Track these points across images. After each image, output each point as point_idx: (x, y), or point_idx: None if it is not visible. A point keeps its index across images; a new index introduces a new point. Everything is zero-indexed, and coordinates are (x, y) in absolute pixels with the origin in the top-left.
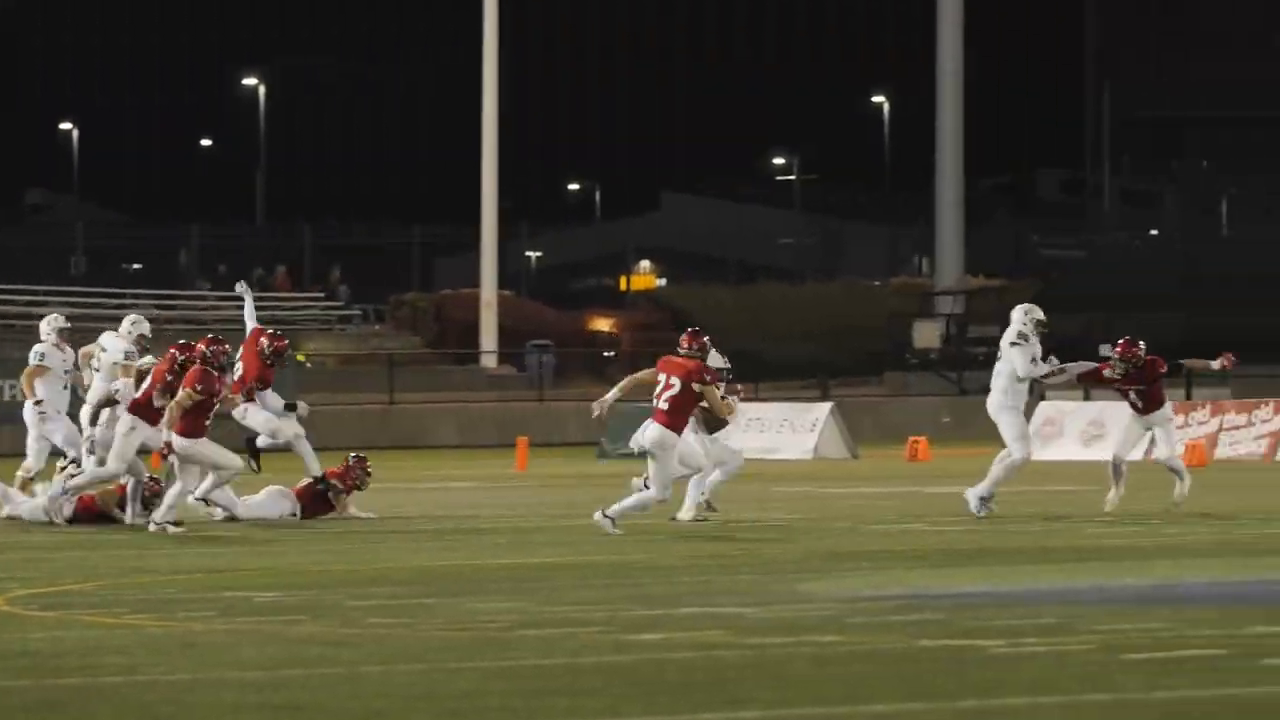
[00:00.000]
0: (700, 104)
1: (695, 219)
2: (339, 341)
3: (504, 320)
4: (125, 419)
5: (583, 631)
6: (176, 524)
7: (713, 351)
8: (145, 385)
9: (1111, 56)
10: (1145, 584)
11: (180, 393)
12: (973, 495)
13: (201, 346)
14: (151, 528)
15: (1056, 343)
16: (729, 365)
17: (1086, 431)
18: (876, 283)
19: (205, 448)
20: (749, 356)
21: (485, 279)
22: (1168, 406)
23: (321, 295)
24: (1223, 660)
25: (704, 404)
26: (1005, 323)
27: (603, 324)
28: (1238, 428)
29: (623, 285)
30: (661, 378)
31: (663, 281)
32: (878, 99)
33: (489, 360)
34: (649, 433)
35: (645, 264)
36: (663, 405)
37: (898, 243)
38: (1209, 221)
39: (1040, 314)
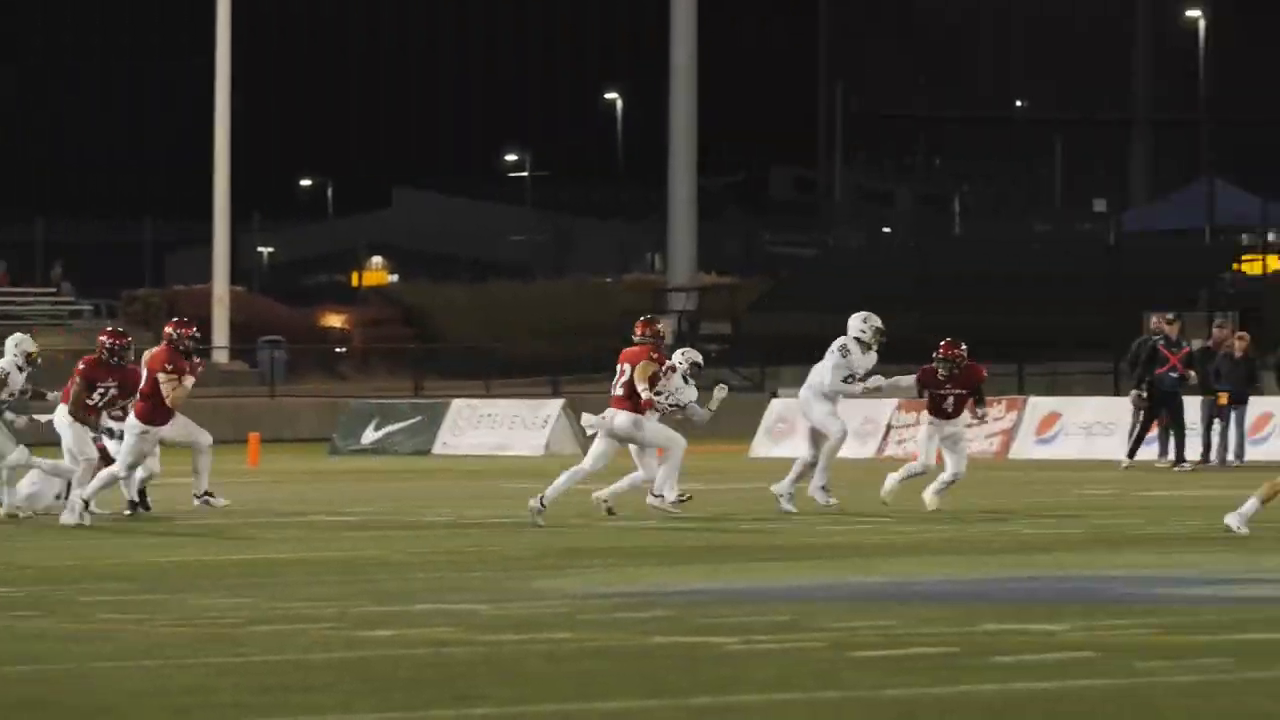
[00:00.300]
0: (433, 101)
1: (428, 216)
2: (70, 337)
3: (236, 316)
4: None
5: (314, 628)
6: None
7: (689, 350)
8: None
9: (845, 53)
10: (877, 581)
11: (163, 382)
12: (816, 492)
13: (169, 329)
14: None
15: (783, 343)
16: (700, 361)
17: None
18: (609, 279)
19: (149, 442)
20: (481, 354)
21: (217, 275)
22: (965, 418)
23: (53, 291)
24: (954, 658)
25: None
26: (737, 319)
27: (334, 320)
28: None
29: (355, 281)
30: (625, 367)
31: (394, 278)
32: (610, 96)
33: (221, 356)
34: (617, 420)
35: (377, 260)
36: (619, 391)
37: (630, 240)
38: (941, 220)
39: (879, 322)
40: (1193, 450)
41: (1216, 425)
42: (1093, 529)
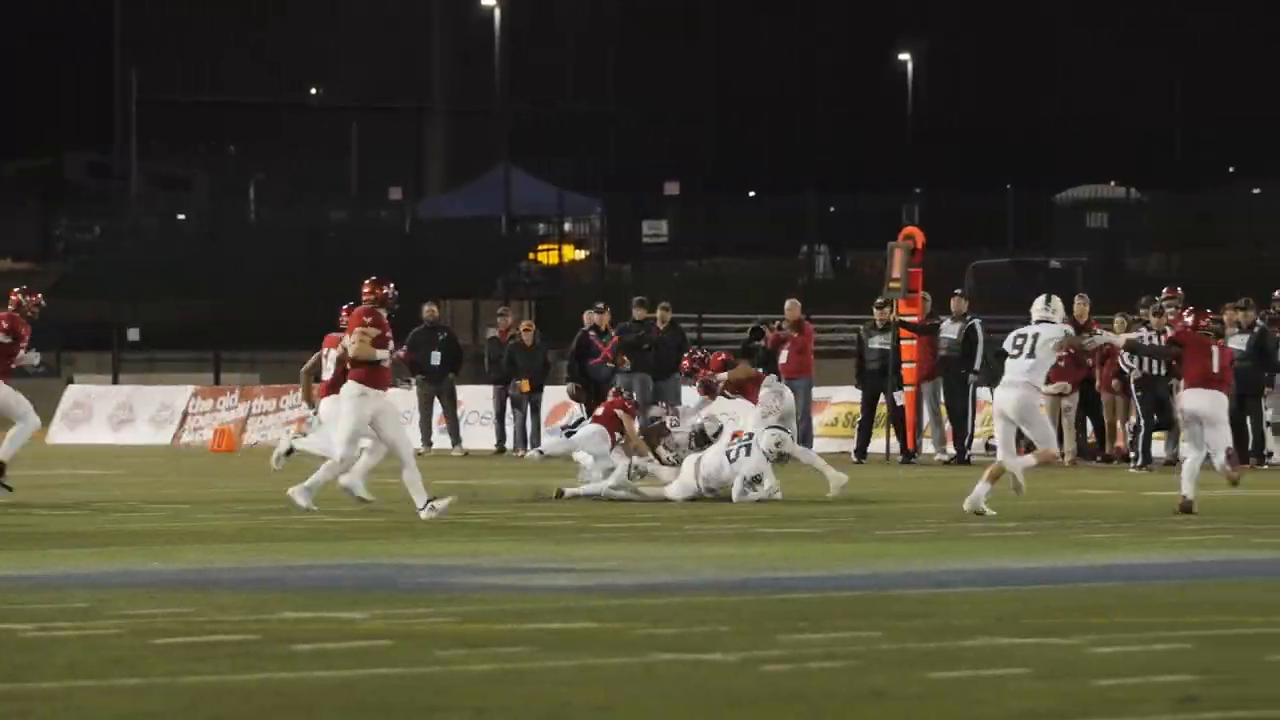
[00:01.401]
0: None
1: None
2: None
3: None
4: None
5: None
6: None
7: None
8: None
9: (140, 38)
10: (176, 569)
11: None
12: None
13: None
14: None
15: (77, 331)
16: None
17: (116, 415)
18: None
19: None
20: None
21: None
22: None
23: None
24: (254, 645)
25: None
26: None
27: None
28: (267, 413)
29: None
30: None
31: None
32: None
33: None
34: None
35: None
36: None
37: None
38: (238, 207)
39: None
40: (486, 440)
41: (513, 415)
42: (396, 518)
